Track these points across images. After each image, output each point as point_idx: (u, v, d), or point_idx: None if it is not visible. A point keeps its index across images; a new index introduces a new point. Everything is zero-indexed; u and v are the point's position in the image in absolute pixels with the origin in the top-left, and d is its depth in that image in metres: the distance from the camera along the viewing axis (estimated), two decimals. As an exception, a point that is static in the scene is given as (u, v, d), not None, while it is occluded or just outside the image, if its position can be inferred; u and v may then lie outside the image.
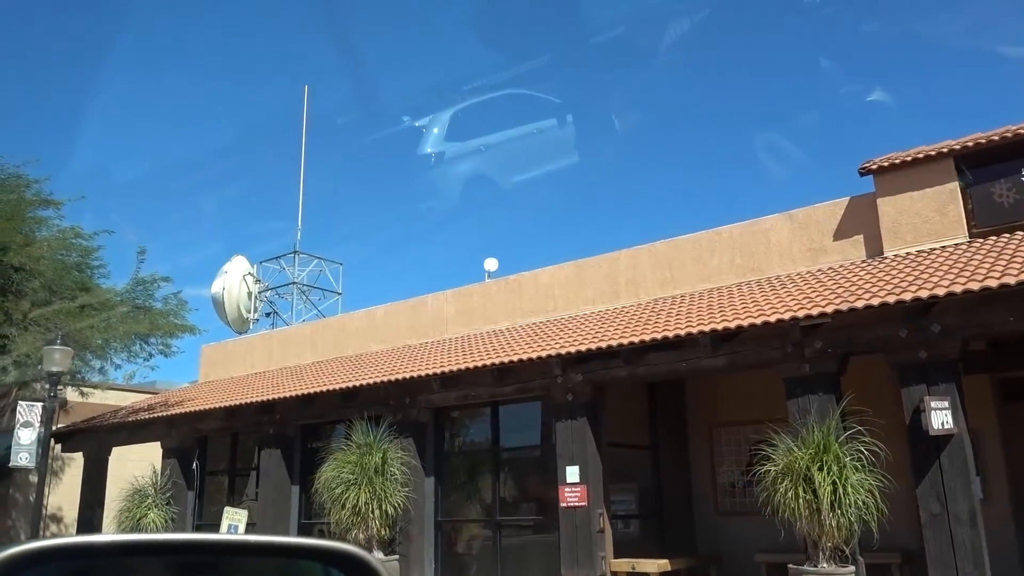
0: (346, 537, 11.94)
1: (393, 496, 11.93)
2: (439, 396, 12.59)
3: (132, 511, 15.48)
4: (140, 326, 15.45)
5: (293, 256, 30.75)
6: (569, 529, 10.77)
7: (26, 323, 13.82)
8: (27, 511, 20.26)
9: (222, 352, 21.25)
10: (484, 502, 12.67)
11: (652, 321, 11.30)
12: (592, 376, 10.99)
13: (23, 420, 12.40)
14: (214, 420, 15.69)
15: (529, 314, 15.38)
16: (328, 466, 12.26)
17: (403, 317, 17.42)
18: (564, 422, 11.13)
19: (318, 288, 30.93)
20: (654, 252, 14.10)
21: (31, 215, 14.88)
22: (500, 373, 11.66)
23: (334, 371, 15.54)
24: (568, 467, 10.89)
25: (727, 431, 12.96)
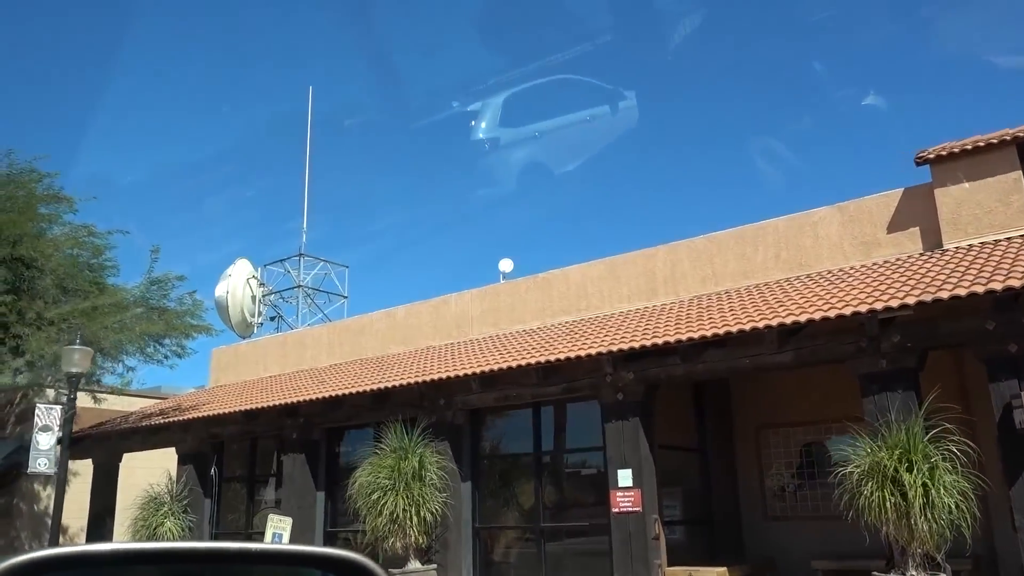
0: (382, 546, 11.37)
1: (431, 502, 11.37)
2: (477, 397, 12.03)
3: (148, 520, 14.87)
4: (155, 327, 14.84)
5: (299, 259, 30.18)
6: (622, 536, 10.23)
7: (39, 323, 13.19)
8: (32, 521, 19.58)
9: (233, 355, 20.62)
10: (525, 508, 12.11)
11: (703, 317, 10.78)
12: (645, 374, 10.47)
13: (41, 424, 11.77)
14: (233, 424, 15.08)
15: (560, 313, 14.85)
16: (362, 471, 11.68)
17: (425, 317, 16.85)
18: (614, 423, 10.60)
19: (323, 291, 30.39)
20: (693, 248, 13.60)
21: (42, 211, 14.26)
22: (545, 372, 11.12)
23: (357, 373, 14.96)
24: (620, 470, 10.36)
25: (775, 433, 12.45)
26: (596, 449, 11.31)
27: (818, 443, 12.13)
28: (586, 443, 11.71)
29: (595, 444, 11.35)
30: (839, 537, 11.49)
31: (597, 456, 11.28)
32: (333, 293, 30.46)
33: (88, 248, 14.52)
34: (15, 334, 12.76)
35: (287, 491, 14.14)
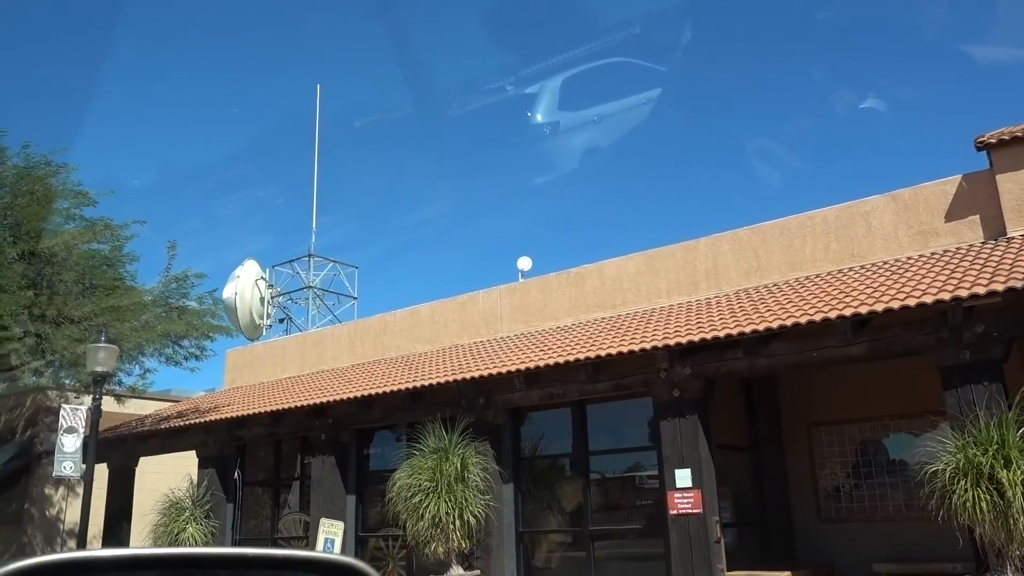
0: (424, 551, 10.87)
1: (473, 505, 10.87)
2: (520, 395, 11.54)
3: (169, 525, 14.33)
4: (176, 326, 14.31)
5: (308, 260, 29.67)
6: (681, 539, 9.73)
7: (60, 320, 12.67)
8: (44, 526, 19.05)
9: (249, 356, 20.09)
10: (571, 511, 11.60)
11: (759, 309, 10.30)
12: (702, 369, 9.98)
13: (66, 425, 11.24)
14: (258, 426, 14.56)
15: (594, 309, 14.37)
16: (401, 472, 11.18)
17: (451, 315, 16.36)
18: (670, 421, 10.10)
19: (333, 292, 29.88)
20: (736, 240, 13.13)
21: (60, 206, 13.75)
22: (594, 368, 10.63)
23: (385, 372, 14.45)
24: (678, 471, 9.86)
25: (828, 430, 11.97)
26: (648, 448, 10.83)
27: (874, 441, 11.68)
28: (636, 442, 11.22)
29: (647, 443, 10.87)
30: (901, 539, 11.06)
31: (649, 456, 10.80)
32: (343, 294, 29.97)
33: (108, 242, 13.99)
34: (36, 333, 12.23)
35: (316, 495, 13.62)
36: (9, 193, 13.42)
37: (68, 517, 19.52)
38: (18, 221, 13.18)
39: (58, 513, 19.32)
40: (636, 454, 11.29)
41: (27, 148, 13.85)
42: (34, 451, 19.17)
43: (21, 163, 13.75)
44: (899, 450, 11.46)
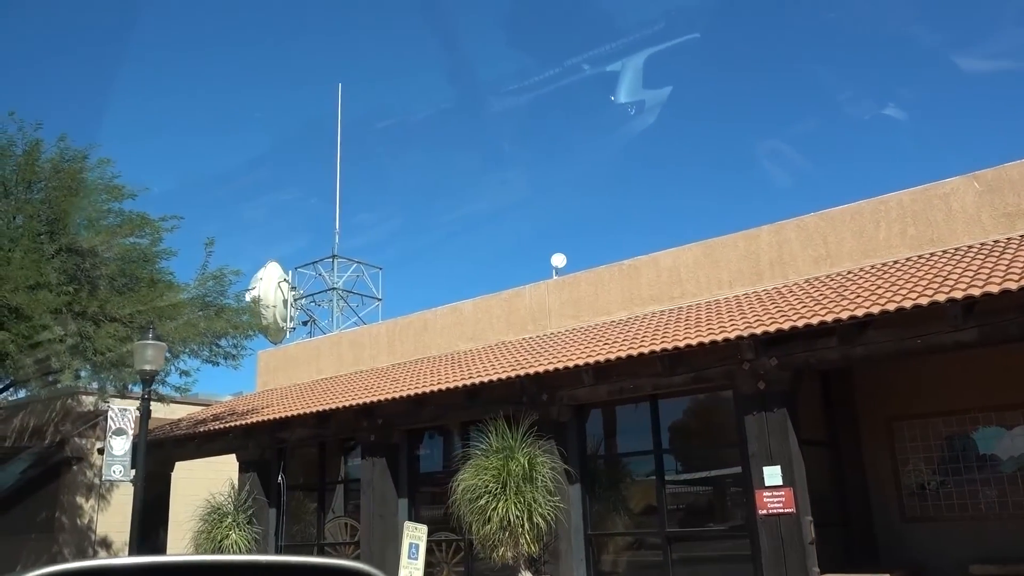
0: (491, 556, 10.30)
1: (542, 507, 10.29)
2: (587, 391, 10.96)
3: (211, 532, 13.78)
4: (217, 324, 13.77)
5: (332, 260, 29.16)
6: (772, 541, 9.13)
7: (100, 318, 12.15)
8: (76, 535, 18.52)
9: (282, 357, 19.58)
10: (644, 512, 11.02)
11: (843, 296, 9.71)
12: (791, 360, 9.39)
13: (115, 427, 10.70)
14: (302, 428, 14.01)
15: (649, 302, 13.81)
16: (464, 474, 10.61)
17: (496, 311, 15.81)
18: (755, 415, 9.51)
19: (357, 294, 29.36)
20: (803, 227, 12.56)
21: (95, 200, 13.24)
22: (671, 361, 10.05)
23: (433, 370, 13.89)
24: (766, 468, 9.27)
25: (910, 425, 11.35)
26: (729, 445, 10.24)
27: (961, 435, 11.06)
28: (714, 438, 10.64)
29: (727, 439, 10.28)
30: (997, 539, 10.43)
31: (730, 453, 10.21)
32: (367, 295, 29.49)
33: (147, 236, 13.46)
34: (78, 332, 11.71)
35: (366, 498, 13.05)
36: (46, 187, 12.93)
37: (98, 526, 19.00)
38: (55, 215, 12.69)
39: (89, 522, 18.79)
40: (715, 451, 10.69)
41: (63, 141, 13.37)
42: (63, 457, 18.65)
43: (56, 155, 13.26)
44: (989, 444, 10.85)
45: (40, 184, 13.07)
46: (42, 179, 13.04)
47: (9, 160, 12.96)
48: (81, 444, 18.82)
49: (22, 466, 18.20)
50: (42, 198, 12.98)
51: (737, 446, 9.97)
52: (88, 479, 18.99)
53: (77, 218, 12.85)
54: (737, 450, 9.98)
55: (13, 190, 12.90)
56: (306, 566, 2.09)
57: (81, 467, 18.86)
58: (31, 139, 13.09)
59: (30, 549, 18.16)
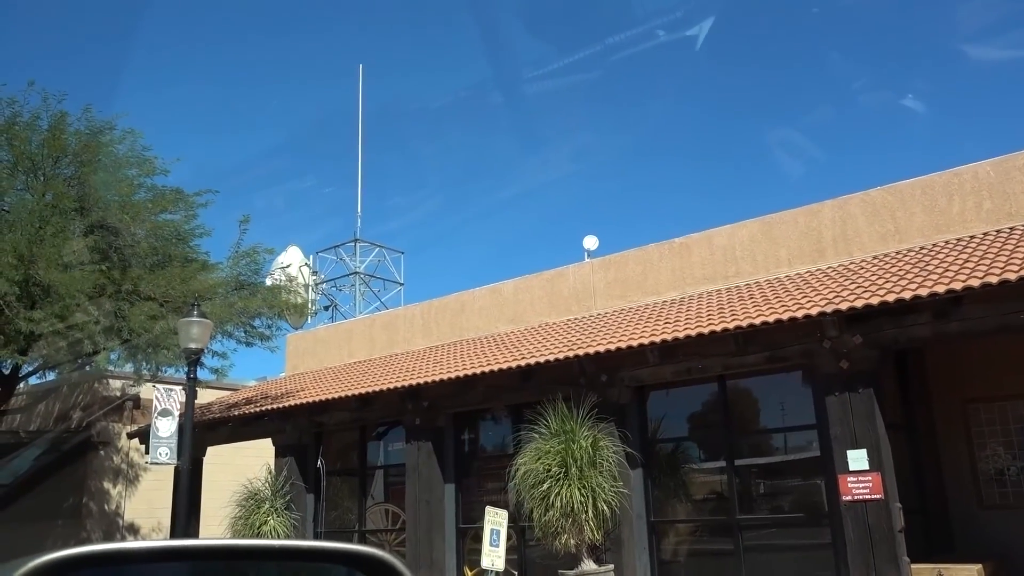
0: (554, 544, 9.81)
1: (606, 492, 9.79)
2: (651, 371, 10.44)
3: (249, 518, 13.34)
4: (254, 303, 13.28)
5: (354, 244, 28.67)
6: (858, 528, 8.61)
7: (134, 297, 11.67)
8: (104, 521, 18.14)
9: (312, 341, 19.10)
10: (710, 498, 10.52)
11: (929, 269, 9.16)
12: (877, 337, 8.84)
13: (160, 408, 10.24)
14: (342, 411, 13.53)
15: (702, 281, 13.26)
16: (525, 457, 10.12)
17: (538, 292, 15.27)
18: (837, 396, 8.97)
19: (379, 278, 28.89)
20: (869, 201, 11.98)
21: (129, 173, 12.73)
22: (745, 339, 9.52)
23: (477, 352, 13.39)
24: (850, 452, 8.73)
25: (987, 408, 10.80)
26: (806, 428, 9.71)
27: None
28: (789, 421, 10.12)
29: (803, 422, 9.76)
30: None
31: (805, 436, 9.70)
32: (389, 280, 29.01)
33: (180, 212, 12.95)
34: (111, 310, 11.23)
35: (411, 484, 12.58)
36: (73, 162, 12.42)
37: (126, 512, 18.61)
38: (84, 191, 12.19)
39: (116, 508, 18.40)
40: (788, 434, 10.17)
41: (88, 112, 12.84)
42: (90, 442, 18.23)
43: (82, 128, 12.74)
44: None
45: (67, 159, 12.56)
46: (69, 153, 12.53)
47: (35, 134, 12.45)
48: (108, 428, 18.40)
49: (48, 451, 17.79)
50: (70, 173, 12.48)
51: (815, 429, 9.45)
52: (115, 464, 18.59)
53: (107, 194, 12.34)
54: (814, 433, 9.46)
55: (40, 165, 12.40)
56: (325, 552, 2.10)
57: (108, 452, 18.45)
58: (56, 112, 12.58)
59: (57, 535, 17.77)
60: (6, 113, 11.96)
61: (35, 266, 10.22)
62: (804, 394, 9.71)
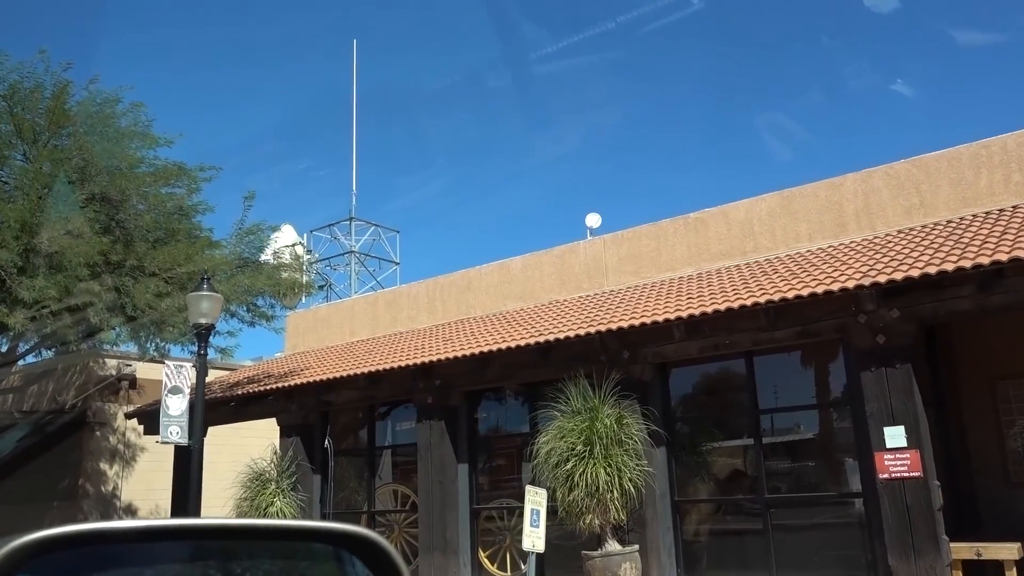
0: (578, 524, 9.55)
1: (632, 471, 9.53)
2: (675, 347, 10.16)
3: (255, 499, 13.02)
4: (259, 281, 12.88)
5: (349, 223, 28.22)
6: (895, 507, 8.39)
7: (137, 273, 11.25)
8: (100, 503, 17.78)
9: (312, 319, 18.72)
10: (736, 477, 10.28)
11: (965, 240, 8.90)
12: (915, 311, 8.59)
13: (170, 385, 9.85)
14: (350, 389, 13.19)
15: (719, 257, 12.98)
16: (546, 436, 9.83)
17: (548, 268, 14.96)
18: (873, 372, 8.72)
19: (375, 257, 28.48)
20: (893, 174, 11.72)
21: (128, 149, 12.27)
22: (776, 313, 9.24)
23: (489, 330, 13.07)
24: (887, 429, 8.50)
25: (1016, 384, 10.60)
26: (836, 404, 9.48)
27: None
28: (819, 397, 9.87)
29: (834, 398, 9.52)
30: None
31: (835, 412, 9.47)
32: (384, 259, 28.60)
33: (183, 187, 12.51)
34: (114, 286, 10.81)
35: (423, 465, 12.29)
36: (75, 132, 11.94)
37: (123, 493, 18.24)
38: (85, 162, 11.72)
39: (114, 489, 18.03)
40: (818, 410, 9.92)
41: (93, 83, 12.36)
42: (85, 422, 17.82)
43: (86, 99, 12.27)
44: None
45: (69, 129, 12.08)
46: (72, 124, 12.05)
47: (38, 103, 11.95)
48: (104, 408, 17.99)
49: (42, 431, 17.37)
50: (72, 144, 12.01)
51: (847, 406, 9.21)
52: (111, 445, 18.20)
53: (109, 165, 11.88)
54: (847, 409, 9.23)
55: (42, 135, 11.92)
56: (311, 531, 2.09)
57: (104, 432, 18.05)
58: (60, 81, 12.08)
59: (53, 517, 17.40)
60: (8, 81, 11.45)
61: (37, 236, 9.79)
62: (836, 370, 9.48)
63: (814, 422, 9.97)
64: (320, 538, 2.05)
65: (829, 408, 9.78)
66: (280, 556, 2.02)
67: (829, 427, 9.83)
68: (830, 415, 9.78)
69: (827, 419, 9.85)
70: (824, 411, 9.85)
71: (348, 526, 1.97)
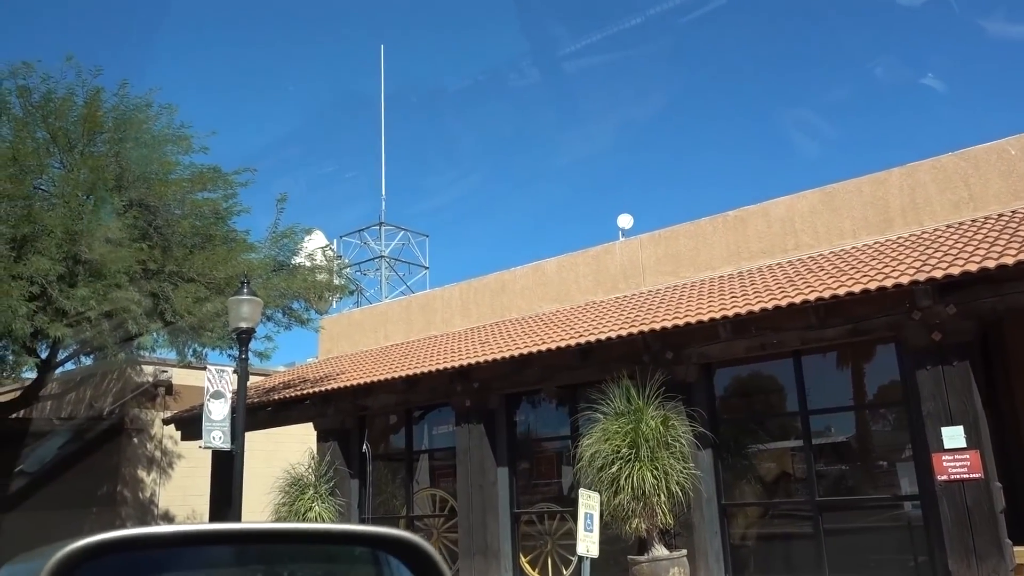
0: (624, 528, 9.37)
1: (679, 474, 9.34)
2: (721, 347, 9.96)
3: (293, 504, 12.96)
4: (296, 284, 12.84)
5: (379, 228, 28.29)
6: (956, 510, 8.12)
7: (176, 279, 11.25)
8: (138, 509, 17.85)
9: (346, 323, 18.69)
10: (783, 480, 10.05)
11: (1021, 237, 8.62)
12: (974, 306, 8.33)
13: (212, 390, 9.83)
14: (388, 393, 13.11)
15: (759, 255, 12.74)
16: (592, 438, 9.66)
17: (584, 269, 14.79)
18: (929, 370, 8.47)
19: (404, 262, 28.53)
20: (940, 168, 11.42)
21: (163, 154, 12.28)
22: (826, 311, 9.01)
23: (528, 331, 12.91)
24: (945, 429, 8.24)
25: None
26: (889, 403, 9.23)
27: None
28: (872, 396, 9.61)
29: (886, 397, 9.27)
30: None
31: (889, 412, 9.21)
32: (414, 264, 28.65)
33: (219, 191, 12.51)
34: (152, 292, 10.81)
35: (462, 469, 12.17)
36: (110, 139, 11.98)
37: (161, 500, 18.31)
38: (121, 169, 11.75)
39: (151, 495, 18.10)
40: (869, 410, 9.66)
41: (124, 88, 12.40)
42: (123, 429, 17.92)
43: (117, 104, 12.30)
44: None
45: (104, 135, 12.12)
46: (106, 130, 12.09)
47: (71, 110, 12.01)
48: (141, 415, 18.08)
49: (80, 438, 17.48)
50: (106, 150, 12.04)
51: (901, 405, 8.96)
52: (148, 451, 18.28)
53: (145, 171, 11.90)
54: (901, 409, 8.97)
55: (77, 142, 11.97)
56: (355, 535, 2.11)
57: (141, 439, 18.14)
58: (91, 87, 12.13)
59: (92, 523, 17.50)
60: (41, 90, 11.51)
61: (78, 244, 9.80)
62: (889, 369, 9.21)
63: (865, 423, 9.70)
64: (365, 542, 2.07)
65: (882, 408, 9.53)
66: (321, 559, 2.05)
67: (881, 427, 9.57)
68: (882, 415, 9.53)
69: (879, 419, 9.59)
70: (876, 411, 9.59)
71: (393, 530, 1.98)
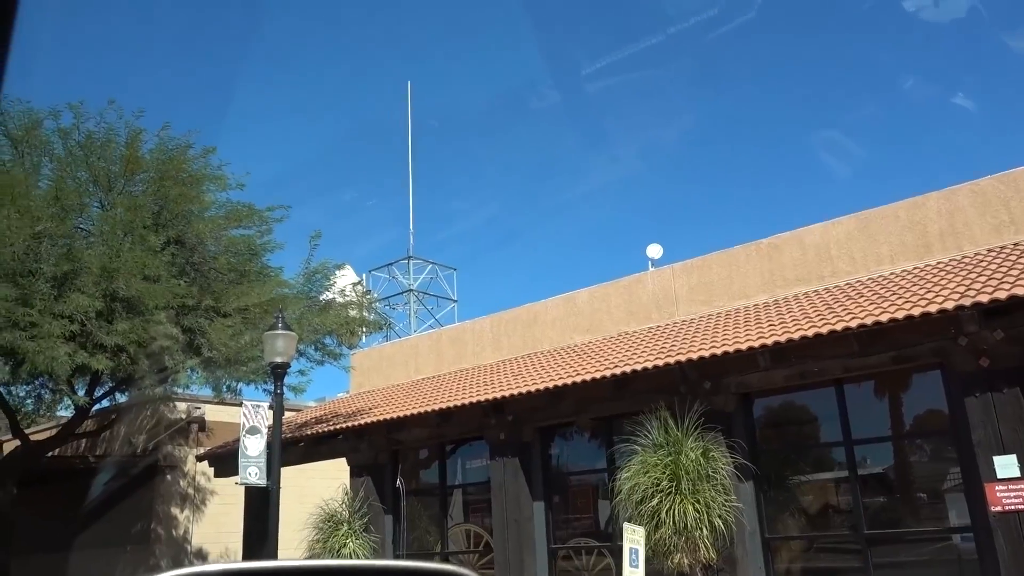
0: (665, 563, 9.17)
1: (720, 507, 9.14)
2: (759, 376, 9.80)
3: (327, 540, 12.87)
4: (329, 319, 12.89)
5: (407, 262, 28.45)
6: (1011, 542, 7.85)
7: (212, 315, 11.33)
8: (172, 547, 17.84)
9: (377, 357, 18.69)
10: (828, 512, 9.80)
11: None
12: (1022, 331, 8.12)
13: (248, 425, 9.82)
14: (421, 427, 13.04)
15: (793, 283, 12.58)
16: (628, 471, 9.51)
17: (615, 300, 14.70)
18: (978, 397, 8.25)
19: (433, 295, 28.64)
20: (979, 191, 11.25)
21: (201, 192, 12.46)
22: (869, 337, 8.84)
23: (561, 363, 12.82)
24: (997, 458, 8.00)
25: None
26: (938, 432, 8.99)
27: None
28: (918, 425, 9.38)
29: (934, 426, 9.03)
30: None
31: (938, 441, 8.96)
32: (443, 297, 28.76)
33: (254, 227, 12.66)
34: (187, 327, 10.89)
35: (497, 503, 12.02)
36: (151, 178, 12.18)
37: (193, 538, 18.29)
38: (161, 207, 11.94)
39: (185, 533, 18.10)
40: (915, 439, 9.43)
41: (165, 130, 12.64)
42: (157, 466, 17.98)
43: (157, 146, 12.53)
44: None
45: (144, 175, 12.34)
46: (146, 170, 12.31)
47: (112, 151, 12.25)
48: (174, 452, 18.15)
49: (115, 476, 17.57)
50: (145, 189, 12.25)
51: (949, 433, 8.72)
52: (182, 488, 18.31)
53: (183, 209, 12.08)
54: (950, 437, 8.73)
55: (116, 182, 12.18)
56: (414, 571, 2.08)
57: (175, 476, 18.18)
58: (132, 129, 12.38)
59: (126, 561, 17.52)
60: (83, 131, 11.77)
61: (116, 280, 9.93)
62: (935, 397, 8.98)
63: (909, 452, 9.46)
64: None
65: (928, 437, 9.28)
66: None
67: (927, 457, 9.32)
68: (928, 444, 9.28)
69: (922, 449, 9.34)
70: (922, 440, 9.35)
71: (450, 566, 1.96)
